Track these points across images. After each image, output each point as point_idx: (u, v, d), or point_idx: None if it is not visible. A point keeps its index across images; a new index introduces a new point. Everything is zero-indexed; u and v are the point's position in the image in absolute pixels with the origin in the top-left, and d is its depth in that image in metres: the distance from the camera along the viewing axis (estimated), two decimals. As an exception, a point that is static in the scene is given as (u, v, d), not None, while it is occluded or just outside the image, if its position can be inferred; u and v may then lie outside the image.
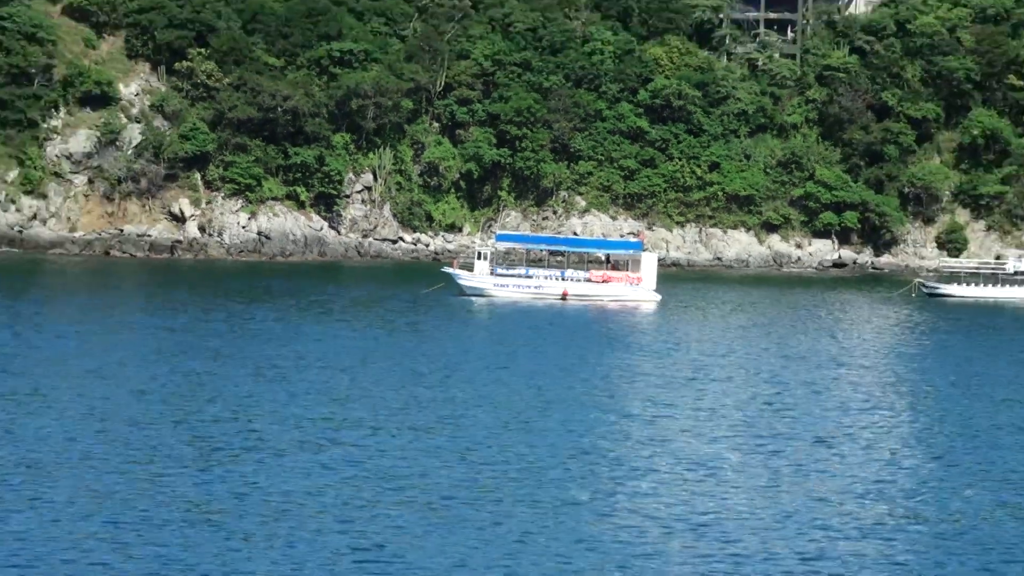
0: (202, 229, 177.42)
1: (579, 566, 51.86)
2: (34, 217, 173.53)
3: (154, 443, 71.78)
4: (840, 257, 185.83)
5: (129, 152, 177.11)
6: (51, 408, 77.66)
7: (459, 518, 56.81)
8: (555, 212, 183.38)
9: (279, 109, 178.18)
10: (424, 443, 70.63)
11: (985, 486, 69.16)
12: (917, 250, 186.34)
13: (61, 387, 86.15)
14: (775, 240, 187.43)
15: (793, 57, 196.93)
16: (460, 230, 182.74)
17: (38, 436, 70.55)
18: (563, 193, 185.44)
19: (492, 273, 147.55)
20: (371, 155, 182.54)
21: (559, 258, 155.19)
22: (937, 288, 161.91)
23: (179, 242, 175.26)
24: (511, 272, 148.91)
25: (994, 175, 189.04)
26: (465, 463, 67.20)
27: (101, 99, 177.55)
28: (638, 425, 79.40)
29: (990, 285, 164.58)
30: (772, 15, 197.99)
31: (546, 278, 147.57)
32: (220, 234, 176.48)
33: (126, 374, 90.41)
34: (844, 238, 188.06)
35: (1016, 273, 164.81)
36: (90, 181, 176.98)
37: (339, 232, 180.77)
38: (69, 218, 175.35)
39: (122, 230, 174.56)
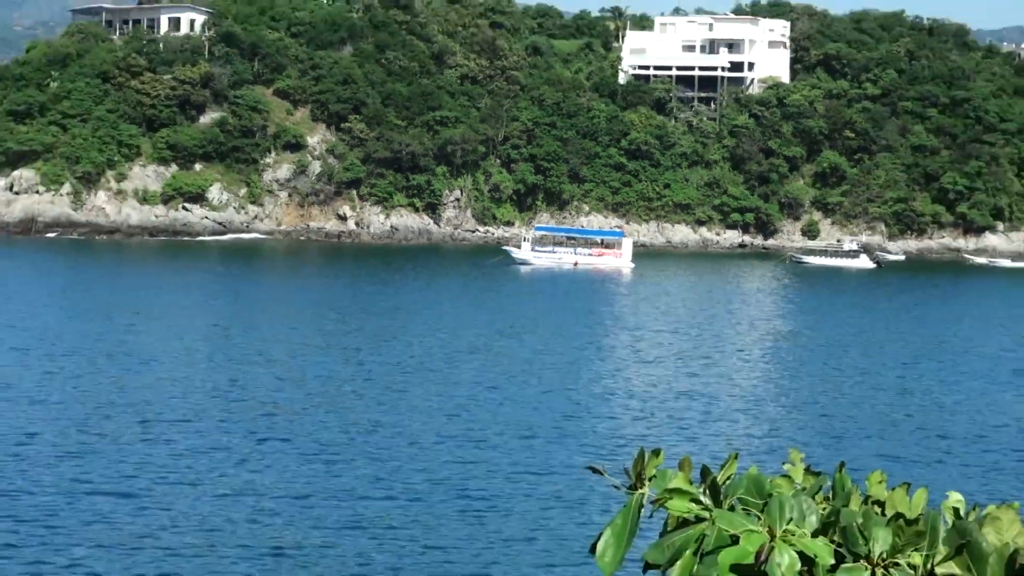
0: (357, 224, 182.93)
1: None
2: (255, 217, 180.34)
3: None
4: (743, 242, 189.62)
5: (312, 178, 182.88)
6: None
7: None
8: (570, 214, 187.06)
9: (403, 152, 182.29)
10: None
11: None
12: (789, 237, 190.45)
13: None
14: (703, 231, 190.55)
15: (714, 120, 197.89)
16: (512, 224, 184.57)
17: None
18: (575, 202, 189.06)
19: (532, 250, 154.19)
20: (459, 179, 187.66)
21: (572, 241, 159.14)
22: (801, 259, 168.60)
23: (343, 232, 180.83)
24: (543, 250, 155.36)
25: (836, 191, 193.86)
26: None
27: (295, 146, 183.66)
28: (624, 333, 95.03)
29: (833, 258, 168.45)
30: (702, 94, 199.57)
31: (564, 253, 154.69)
32: (368, 227, 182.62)
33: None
34: (745, 229, 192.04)
35: (849, 251, 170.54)
36: (289, 195, 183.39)
37: (439, 226, 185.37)
38: (276, 218, 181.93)
39: (308, 225, 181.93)
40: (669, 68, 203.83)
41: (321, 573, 33.38)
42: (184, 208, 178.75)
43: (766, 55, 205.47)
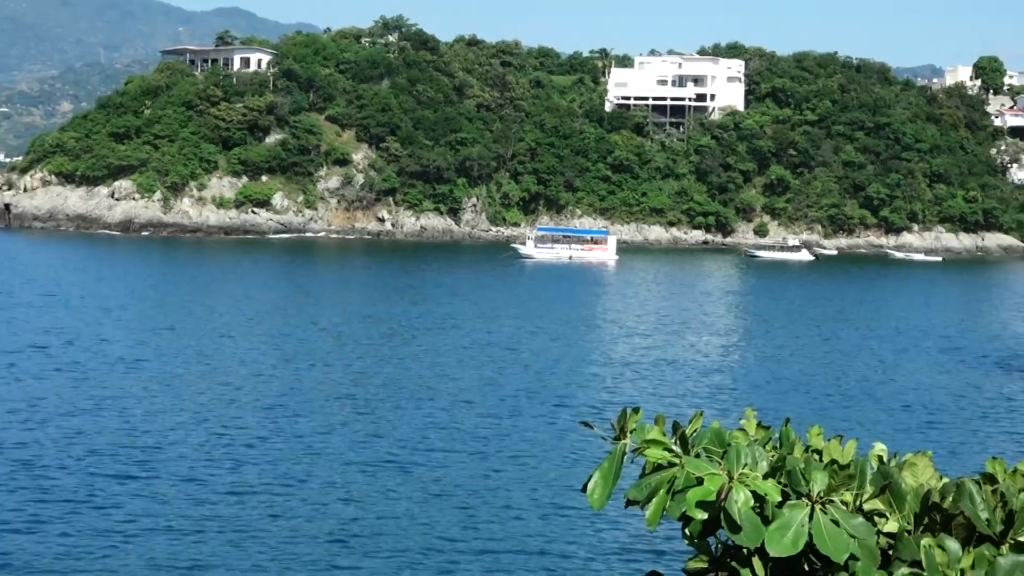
0: (392, 225, 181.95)
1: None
2: (310, 219, 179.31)
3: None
4: (706, 239, 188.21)
5: (357, 187, 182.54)
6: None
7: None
8: (566, 217, 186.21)
9: (430, 166, 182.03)
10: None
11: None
12: (743, 235, 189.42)
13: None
14: (674, 231, 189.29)
15: (683, 140, 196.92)
16: (519, 225, 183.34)
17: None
18: (570, 207, 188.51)
19: (535, 247, 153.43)
20: (475, 188, 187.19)
21: (567, 239, 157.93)
22: (753, 254, 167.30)
23: (381, 232, 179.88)
24: (544, 246, 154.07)
25: (781, 198, 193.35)
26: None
27: (343, 161, 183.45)
28: (608, 311, 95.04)
29: (779, 252, 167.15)
30: (672, 120, 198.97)
31: (561, 249, 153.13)
32: (401, 227, 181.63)
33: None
34: (708, 229, 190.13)
35: (792, 247, 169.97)
36: (338, 201, 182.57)
37: (459, 226, 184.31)
38: (327, 220, 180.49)
39: (353, 226, 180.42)
40: (646, 99, 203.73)
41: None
42: (253, 212, 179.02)
43: (725, 88, 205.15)
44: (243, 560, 27.58)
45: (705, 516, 3.80)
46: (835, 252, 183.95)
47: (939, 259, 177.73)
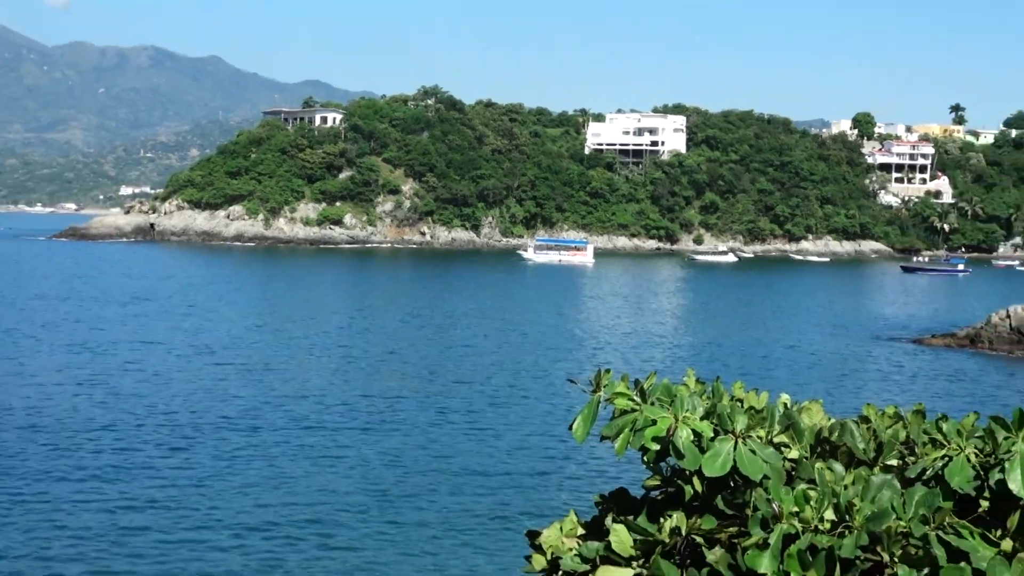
0: (431, 237, 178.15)
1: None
2: (371, 234, 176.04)
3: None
4: (659, 247, 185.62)
5: (405, 209, 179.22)
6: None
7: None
8: (556, 231, 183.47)
9: (458, 194, 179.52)
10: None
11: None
12: (686, 244, 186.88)
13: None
14: (635, 240, 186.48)
15: (641, 175, 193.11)
16: (523, 237, 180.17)
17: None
18: (559, 224, 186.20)
19: (534, 252, 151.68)
20: (491, 210, 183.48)
21: (558, 247, 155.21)
22: (693, 257, 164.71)
23: (423, 242, 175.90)
24: (541, 252, 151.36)
25: (713, 216, 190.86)
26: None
27: (395, 191, 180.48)
28: (591, 298, 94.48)
29: (712, 256, 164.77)
30: (634, 160, 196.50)
31: (553, 254, 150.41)
32: (437, 239, 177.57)
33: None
34: (660, 239, 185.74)
35: (721, 251, 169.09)
36: (391, 220, 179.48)
37: (479, 238, 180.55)
38: (384, 234, 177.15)
39: (403, 238, 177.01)
40: (615, 144, 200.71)
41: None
42: (330, 228, 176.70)
43: (672, 137, 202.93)
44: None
45: (658, 447, 3.77)
46: (752, 255, 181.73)
47: (827, 260, 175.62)
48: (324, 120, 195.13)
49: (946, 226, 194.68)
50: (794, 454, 3.84)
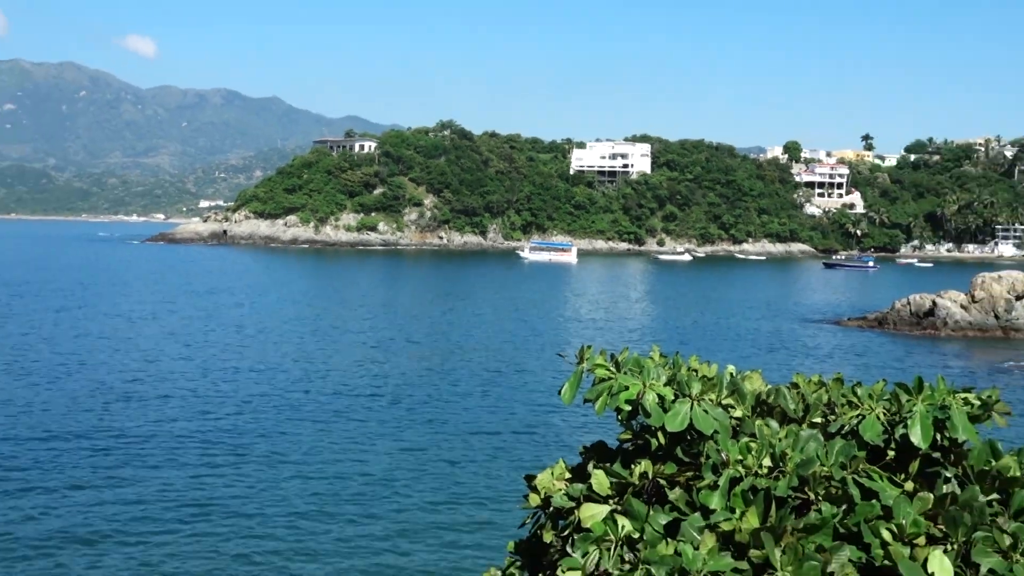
0: (448, 241, 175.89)
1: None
2: (400, 238, 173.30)
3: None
4: (629, 248, 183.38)
5: (427, 219, 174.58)
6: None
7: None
8: (548, 235, 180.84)
9: (469, 207, 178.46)
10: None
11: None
12: (651, 246, 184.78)
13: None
14: (610, 243, 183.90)
15: (615, 191, 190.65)
16: (520, 240, 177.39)
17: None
18: (550, 230, 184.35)
19: (530, 253, 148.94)
20: (495, 219, 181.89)
21: (549, 248, 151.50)
22: (657, 257, 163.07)
23: (441, 245, 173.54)
24: (536, 253, 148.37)
25: (673, 223, 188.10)
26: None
27: (419, 204, 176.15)
28: (575, 289, 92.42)
29: (671, 255, 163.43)
30: (609, 180, 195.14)
31: (545, 254, 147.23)
32: (452, 242, 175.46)
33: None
34: (630, 242, 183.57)
35: (679, 252, 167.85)
36: (416, 227, 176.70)
37: (486, 241, 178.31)
38: (410, 239, 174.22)
39: (425, 241, 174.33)
40: (594, 167, 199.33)
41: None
42: (367, 233, 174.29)
43: (640, 160, 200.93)
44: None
45: (630, 408, 3.76)
46: (704, 255, 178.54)
47: (764, 258, 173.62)
48: (362, 147, 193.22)
49: (859, 231, 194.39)
50: (738, 413, 3.82)
